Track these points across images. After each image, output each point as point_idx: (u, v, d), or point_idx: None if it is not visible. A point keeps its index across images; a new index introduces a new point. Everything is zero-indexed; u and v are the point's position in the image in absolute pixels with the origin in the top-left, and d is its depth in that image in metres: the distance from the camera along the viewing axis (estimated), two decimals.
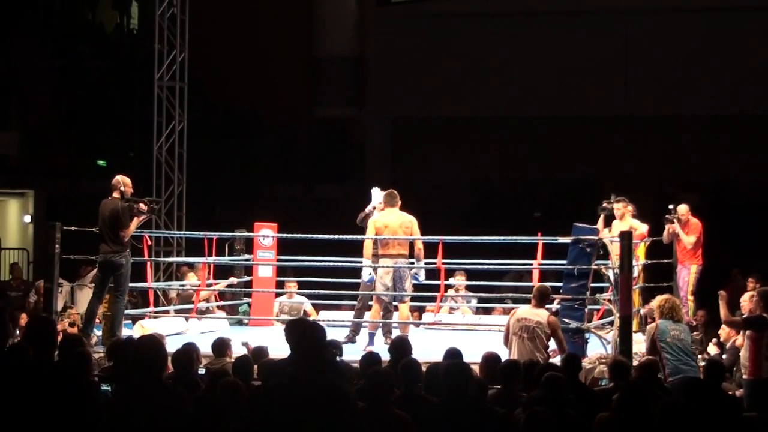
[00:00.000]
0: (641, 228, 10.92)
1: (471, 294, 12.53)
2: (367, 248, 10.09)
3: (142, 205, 9.95)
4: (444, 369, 5.79)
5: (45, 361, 5.11)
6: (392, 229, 10.05)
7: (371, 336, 10.09)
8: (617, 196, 11.17)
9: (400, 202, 10.20)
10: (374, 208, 10.52)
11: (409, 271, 10.10)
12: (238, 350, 8.24)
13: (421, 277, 10.29)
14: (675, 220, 11.16)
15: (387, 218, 10.12)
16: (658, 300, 8.63)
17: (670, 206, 11.30)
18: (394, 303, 10.25)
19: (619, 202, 11.03)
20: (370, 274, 10.17)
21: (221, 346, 8.06)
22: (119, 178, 10.02)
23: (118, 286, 9.94)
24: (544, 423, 5.16)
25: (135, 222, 9.91)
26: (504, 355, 7.81)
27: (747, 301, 9.04)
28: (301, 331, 4.97)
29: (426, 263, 10.82)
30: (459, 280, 12.21)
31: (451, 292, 12.33)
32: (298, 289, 12.30)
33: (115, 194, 9.91)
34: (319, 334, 5.03)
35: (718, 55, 19.04)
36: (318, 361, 4.81)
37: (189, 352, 6.77)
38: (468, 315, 12.25)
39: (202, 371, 7.64)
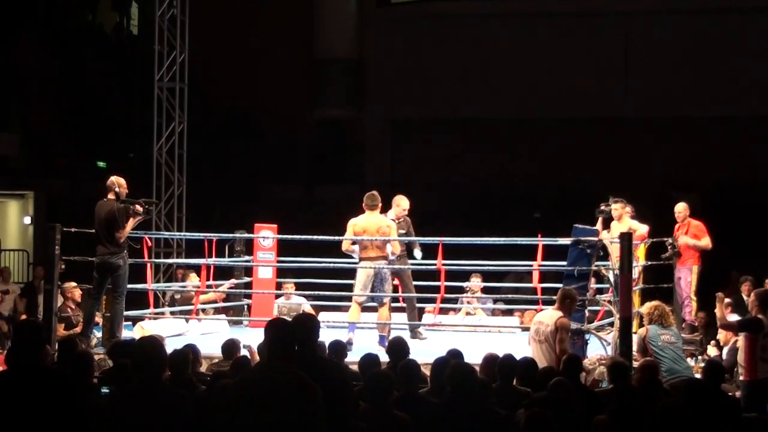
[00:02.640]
0: (641, 229, 10.91)
1: (487, 296, 12.54)
2: (345, 246, 10.17)
3: (137, 206, 9.93)
4: (450, 369, 5.79)
5: (32, 364, 5.08)
6: (370, 233, 10.03)
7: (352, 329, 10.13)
8: (615, 198, 11.15)
9: (380, 205, 10.16)
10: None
11: (389, 272, 10.09)
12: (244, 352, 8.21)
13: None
14: (673, 254, 11.08)
15: (365, 222, 10.08)
16: (647, 306, 8.66)
17: (668, 243, 11.12)
18: (373, 304, 10.27)
19: (617, 202, 11.00)
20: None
21: (231, 347, 8.03)
22: (114, 179, 10.01)
23: (117, 287, 9.93)
24: (543, 424, 5.16)
25: (131, 223, 9.89)
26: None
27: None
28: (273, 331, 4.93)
29: (425, 264, 10.87)
30: (475, 283, 12.23)
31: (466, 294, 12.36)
32: (298, 290, 12.32)
33: (111, 195, 9.90)
34: (289, 333, 4.94)
35: (717, 56, 19.06)
36: (284, 358, 4.79)
37: (184, 353, 6.75)
38: (483, 317, 12.26)
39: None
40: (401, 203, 10.77)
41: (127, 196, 10.01)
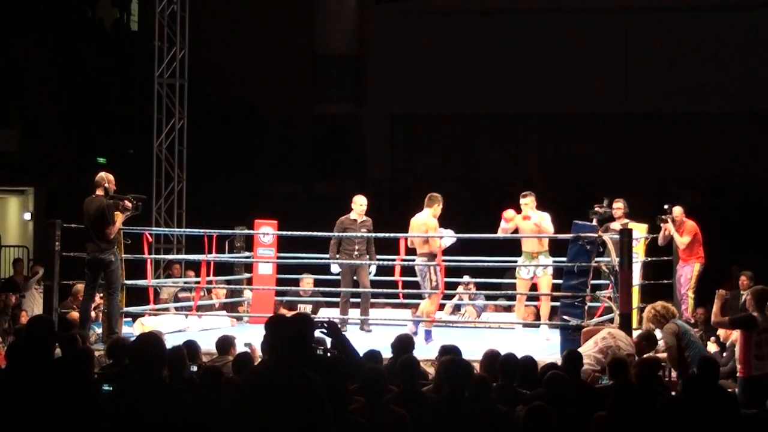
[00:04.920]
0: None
1: (479, 292, 12.56)
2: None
3: (127, 202, 9.91)
4: (445, 365, 5.79)
5: (44, 360, 5.11)
6: (413, 230, 10.44)
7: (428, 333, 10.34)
8: (609, 200, 11.21)
9: (436, 205, 10.42)
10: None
11: (428, 269, 10.28)
12: (242, 349, 8.21)
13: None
14: (669, 220, 11.19)
15: (413, 219, 10.53)
16: (650, 311, 8.62)
17: (665, 206, 11.33)
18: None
19: (525, 197, 10.85)
20: None
21: (225, 343, 8.03)
22: (103, 174, 9.99)
23: (110, 283, 9.92)
24: (543, 418, 5.16)
25: (120, 218, 9.87)
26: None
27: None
28: (275, 328, 4.92)
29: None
30: (469, 279, 12.28)
31: (459, 289, 12.38)
32: (297, 286, 12.37)
33: (99, 191, 9.87)
34: (292, 330, 4.94)
35: (717, 52, 19.06)
36: (289, 354, 4.76)
37: (179, 351, 6.73)
38: (472, 315, 12.29)
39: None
40: (357, 200, 11.23)
41: (120, 192, 9.99)
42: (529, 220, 10.50)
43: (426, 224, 10.36)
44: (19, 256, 17.13)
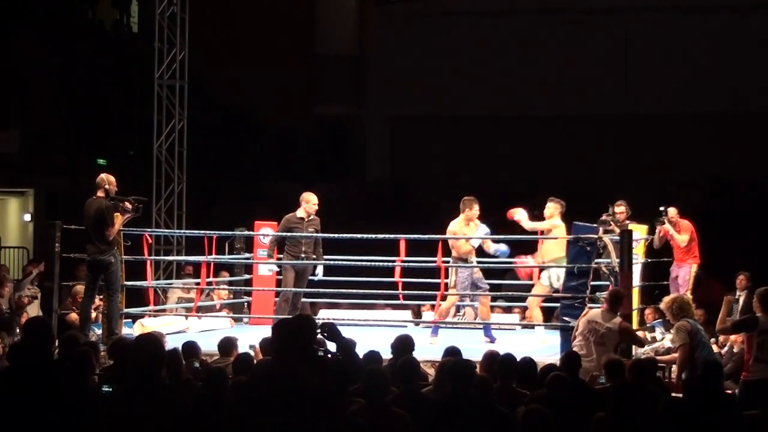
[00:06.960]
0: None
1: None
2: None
3: (127, 204, 9.90)
4: (447, 365, 5.79)
5: (43, 361, 5.12)
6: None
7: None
8: (612, 206, 11.23)
9: (467, 209, 10.57)
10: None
11: (451, 269, 10.51)
12: (244, 350, 8.20)
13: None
14: (666, 221, 11.25)
15: None
16: (667, 301, 8.59)
17: (661, 208, 11.38)
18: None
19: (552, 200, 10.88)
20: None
21: (227, 345, 8.02)
22: (104, 176, 9.98)
23: (110, 284, 9.92)
24: (541, 420, 5.17)
25: (120, 220, 9.85)
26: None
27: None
28: (276, 329, 4.93)
29: (426, 261, 10.92)
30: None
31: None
32: None
33: (100, 193, 9.85)
34: (290, 331, 4.95)
35: (717, 53, 19.07)
36: (292, 357, 4.76)
37: (175, 353, 6.72)
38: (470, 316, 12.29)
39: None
40: (311, 200, 11.06)
41: (120, 193, 9.99)
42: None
43: (449, 229, 10.50)
44: (18, 258, 17.13)
